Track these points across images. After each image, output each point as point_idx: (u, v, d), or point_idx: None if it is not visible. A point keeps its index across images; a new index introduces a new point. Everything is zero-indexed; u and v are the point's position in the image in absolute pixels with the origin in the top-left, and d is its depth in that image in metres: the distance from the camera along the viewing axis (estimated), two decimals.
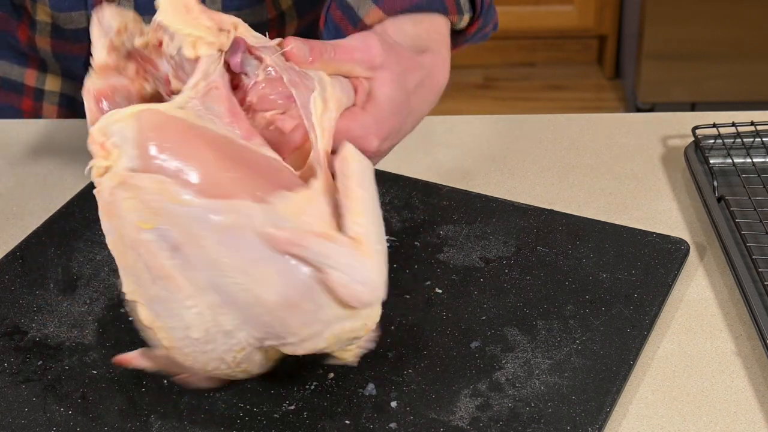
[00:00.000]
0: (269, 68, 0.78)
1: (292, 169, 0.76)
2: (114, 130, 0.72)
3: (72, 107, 1.17)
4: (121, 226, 0.72)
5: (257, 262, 0.71)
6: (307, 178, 0.75)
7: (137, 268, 0.72)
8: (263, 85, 0.78)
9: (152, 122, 0.73)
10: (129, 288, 0.73)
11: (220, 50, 0.77)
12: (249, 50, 0.77)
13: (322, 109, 0.78)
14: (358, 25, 0.89)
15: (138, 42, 0.79)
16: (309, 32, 1.18)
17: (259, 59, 0.78)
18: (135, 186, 0.71)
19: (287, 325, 0.73)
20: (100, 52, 0.79)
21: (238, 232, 0.71)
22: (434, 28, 0.89)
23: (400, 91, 0.82)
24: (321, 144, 0.77)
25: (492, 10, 0.96)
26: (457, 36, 0.94)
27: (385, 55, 0.81)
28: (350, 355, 0.78)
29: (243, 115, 0.77)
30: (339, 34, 0.91)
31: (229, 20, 0.78)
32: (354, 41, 0.81)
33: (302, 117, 0.77)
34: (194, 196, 0.71)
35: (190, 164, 0.72)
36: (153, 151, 0.72)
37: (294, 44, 0.78)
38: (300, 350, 0.75)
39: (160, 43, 0.78)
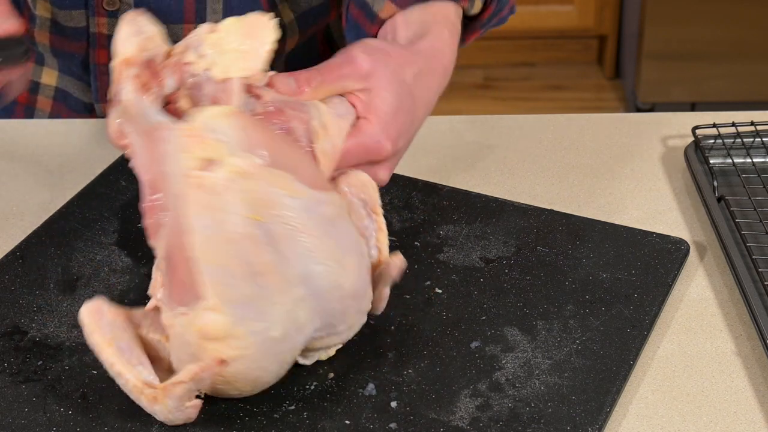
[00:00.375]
0: (268, 104, 0.79)
1: None
2: (215, 126, 0.73)
3: (66, 103, 1.17)
4: (224, 221, 0.72)
5: (348, 251, 0.76)
6: None
7: (231, 266, 0.72)
8: (262, 119, 0.79)
9: (249, 121, 0.75)
10: (213, 292, 0.72)
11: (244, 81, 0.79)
12: (248, 89, 0.79)
13: (322, 135, 0.79)
14: (374, 20, 0.91)
15: (161, 51, 0.80)
16: (310, 46, 1.19)
17: (257, 96, 0.79)
18: (255, 177, 0.72)
19: (348, 313, 0.77)
20: (128, 48, 0.79)
21: (339, 222, 0.76)
22: (441, 12, 0.89)
23: (398, 88, 0.82)
24: (324, 169, 0.79)
25: None
26: (473, 23, 0.95)
27: (370, 60, 0.82)
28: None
29: None
30: (359, 30, 0.93)
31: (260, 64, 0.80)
32: (337, 59, 0.83)
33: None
34: (307, 187, 0.74)
35: (295, 160, 0.75)
36: (263, 147, 0.74)
37: (277, 80, 0.79)
38: (336, 340, 0.79)
39: (184, 63, 0.79)
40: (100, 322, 0.77)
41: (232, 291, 0.72)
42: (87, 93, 1.16)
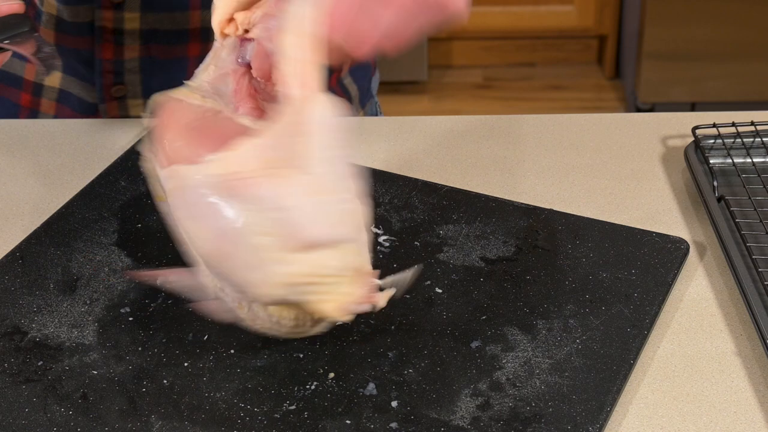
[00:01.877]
0: (258, 42, 0.82)
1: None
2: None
3: (69, 103, 1.17)
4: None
5: (195, 218, 0.75)
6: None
7: None
8: (256, 60, 0.82)
9: (168, 109, 0.83)
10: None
11: (240, 38, 0.83)
12: (243, 40, 0.83)
13: (297, 44, 0.76)
14: None
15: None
16: None
17: (250, 40, 0.82)
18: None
19: (235, 274, 0.74)
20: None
21: (181, 192, 0.76)
22: None
23: None
24: (294, 88, 0.76)
25: None
26: None
27: None
28: (333, 308, 0.75)
29: (245, 92, 0.83)
30: None
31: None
32: None
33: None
34: (160, 167, 0.78)
35: (165, 143, 0.79)
36: (156, 140, 0.82)
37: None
38: (265, 300, 0.75)
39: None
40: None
41: None
42: (90, 93, 1.16)
